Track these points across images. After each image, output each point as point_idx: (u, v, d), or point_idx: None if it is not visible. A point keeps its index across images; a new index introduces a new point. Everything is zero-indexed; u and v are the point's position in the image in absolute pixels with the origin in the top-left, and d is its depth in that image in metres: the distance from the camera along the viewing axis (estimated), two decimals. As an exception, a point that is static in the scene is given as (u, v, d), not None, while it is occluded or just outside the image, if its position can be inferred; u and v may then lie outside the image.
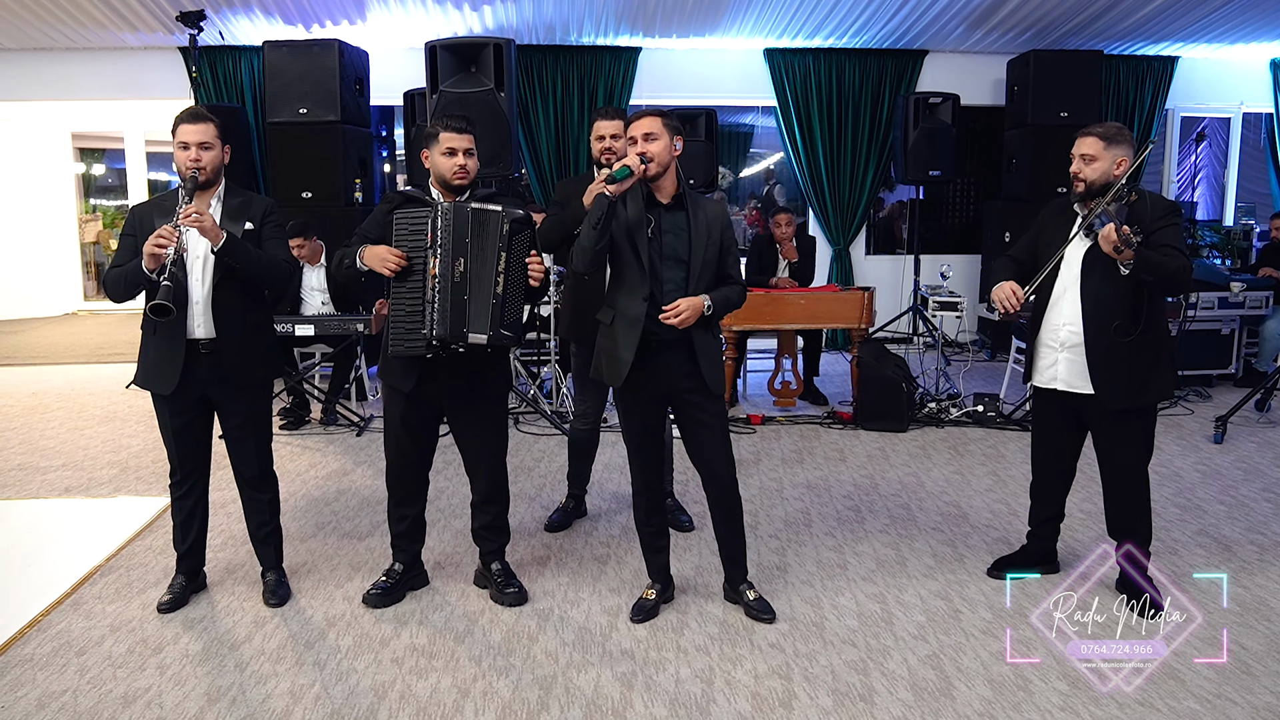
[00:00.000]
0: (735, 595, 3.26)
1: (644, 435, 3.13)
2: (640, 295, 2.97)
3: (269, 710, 2.64)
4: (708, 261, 3.04)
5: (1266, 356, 6.72)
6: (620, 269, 3.03)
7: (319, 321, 5.51)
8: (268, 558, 3.38)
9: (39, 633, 3.10)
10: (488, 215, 3.03)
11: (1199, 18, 7.57)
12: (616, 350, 3.01)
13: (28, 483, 4.73)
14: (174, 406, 3.15)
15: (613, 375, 3.04)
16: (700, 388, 3.05)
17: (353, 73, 7.07)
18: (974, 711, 2.64)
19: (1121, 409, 3.16)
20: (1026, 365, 3.42)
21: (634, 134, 2.96)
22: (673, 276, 3.00)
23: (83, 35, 7.63)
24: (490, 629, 3.13)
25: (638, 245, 2.97)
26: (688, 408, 3.10)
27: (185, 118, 3.08)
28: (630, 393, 3.06)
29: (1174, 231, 3.11)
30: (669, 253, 3.00)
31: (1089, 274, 3.16)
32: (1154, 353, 3.16)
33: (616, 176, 2.87)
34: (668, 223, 3.02)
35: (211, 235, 2.99)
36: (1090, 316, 3.16)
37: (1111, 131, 3.13)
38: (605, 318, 3.09)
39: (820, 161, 8.32)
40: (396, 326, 3.03)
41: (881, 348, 5.90)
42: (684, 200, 3.04)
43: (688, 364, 3.04)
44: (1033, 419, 3.59)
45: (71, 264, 10.64)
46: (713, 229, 3.05)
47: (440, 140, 3.11)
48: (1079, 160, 3.16)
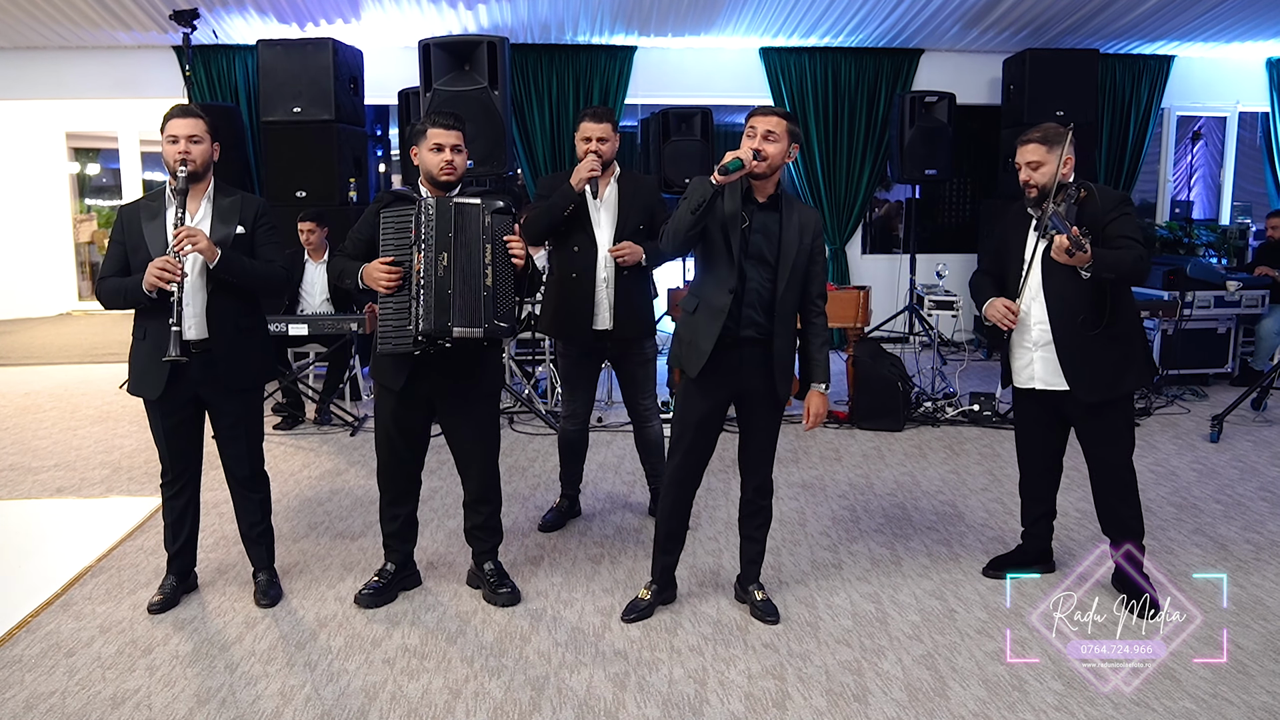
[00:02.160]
0: (744, 594, 3.26)
1: (700, 428, 3.10)
2: (726, 288, 2.97)
3: (259, 711, 2.62)
4: (796, 267, 3.02)
5: (1263, 355, 6.72)
6: (711, 260, 3.02)
7: (313, 321, 5.49)
8: (259, 558, 3.36)
9: (28, 634, 3.08)
10: (469, 209, 3.02)
11: (1195, 16, 7.57)
12: (696, 340, 3.02)
13: (19, 483, 4.71)
14: (165, 407, 3.13)
15: (691, 364, 3.04)
16: (769, 392, 3.06)
17: (347, 72, 7.06)
18: (968, 712, 2.62)
19: (1099, 401, 3.17)
20: (1004, 368, 3.42)
21: (756, 128, 2.93)
22: (755, 275, 2.99)
23: (76, 34, 7.61)
24: (483, 629, 3.12)
25: (730, 239, 2.97)
26: (752, 409, 3.11)
27: (175, 112, 3.07)
28: (701, 384, 3.05)
29: (1127, 221, 3.11)
30: (755, 252, 3.00)
31: (1050, 273, 3.16)
32: (1125, 343, 3.17)
33: (729, 168, 2.84)
34: (759, 222, 3.01)
35: (207, 255, 2.98)
36: (1056, 314, 3.17)
37: (1050, 134, 3.13)
38: (689, 305, 3.09)
39: (816, 161, 8.31)
40: (385, 324, 3.02)
41: (877, 347, 5.89)
42: (779, 202, 3.03)
43: (763, 366, 3.04)
44: (1015, 419, 3.58)
45: (66, 264, 10.59)
46: (805, 235, 3.03)
47: (428, 136, 3.10)
48: (1026, 169, 3.16)
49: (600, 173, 3.65)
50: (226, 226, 3.11)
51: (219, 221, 3.11)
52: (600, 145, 3.64)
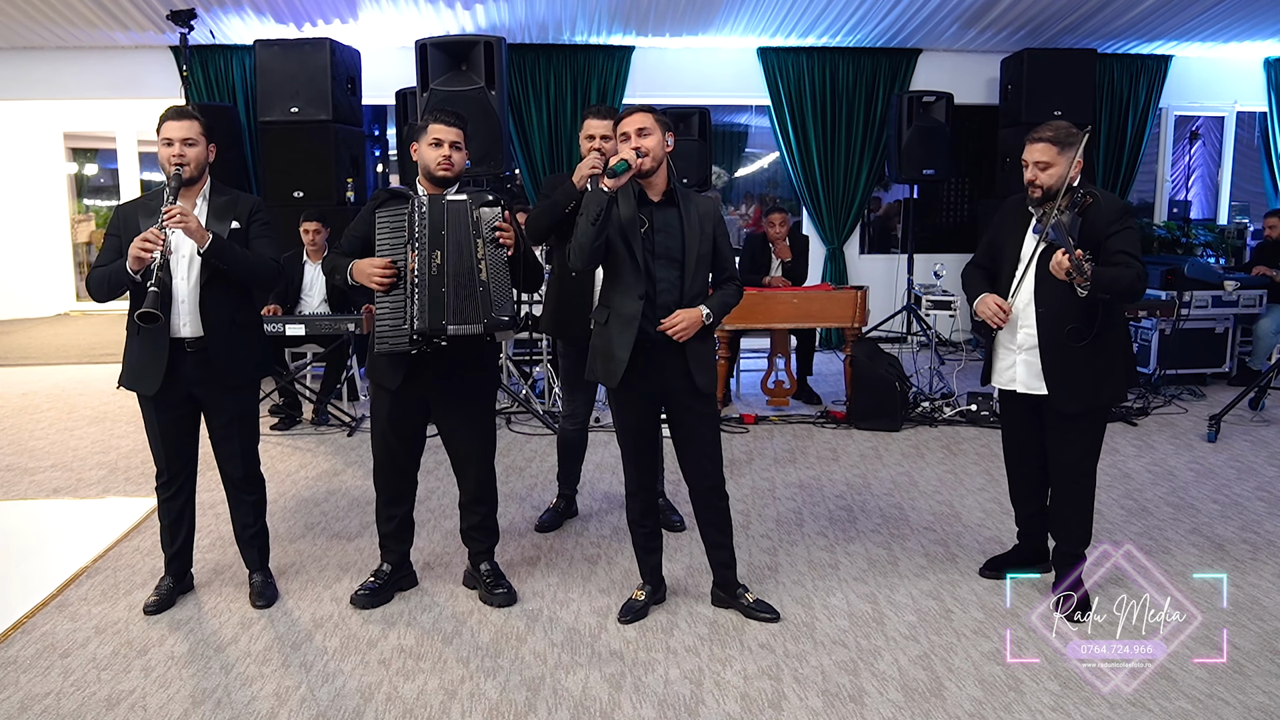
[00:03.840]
0: (730, 599, 3.23)
1: (638, 435, 3.10)
2: (635, 294, 2.95)
3: (254, 712, 2.62)
4: (702, 258, 3.02)
5: (1260, 355, 6.72)
6: (614, 268, 3.01)
7: (310, 321, 5.48)
8: (252, 560, 3.36)
9: (23, 635, 3.07)
10: (459, 206, 3.03)
11: (1192, 16, 7.58)
12: (611, 350, 2.99)
13: (16, 483, 4.70)
14: (160, 406, 3.12)
15: (608, 375, 3.02)
16: (691, 387, 3.04)
17: (344, 72, 7.05)
18: (964, 712, 2.62)
19: (1076, 412, 3.13)
20: (986, 364, 3.40)
21: (626, 129, 2.94)
22: (666, 275, 2.98)
23: (73, 34, 7.60)
24: (478, 630, 3.11)
25: (632, 244, 2.95)
26: (679, 408, 3.09)
27: (170, 115, 3.06)
28: (625, 392, 3.04)
29: (1129, 236, 3.03)
30: (661, 251, 2.99)
31: (1044, 279, 3.09)
32: (1110, 356, 3.13)
33: (616, 170, 2.85)
34: (660, 220, 2.99)
35: (197, 236, 2.96)
36: (1046, 321, 3.12)
37: (1063, 134, 3.04)
38: (600, 317, 3.07)
39: (814, 161, 8.31)
40: (382, 324, 3.02)
41: (875, 347, 5.88)
42: (675, 197, 3.02)
43: (681, 365, 3.02)
44: (1000, 419, 3.56)
45: (63, 264, 10.58)
46: (705, 224, 3.03)
47: (429, 132, 3.10)
48: (1033, 168, 3.07)
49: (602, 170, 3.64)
50: (221, 224, 3.11)
51: (214, 219, 3.11)
52: (605, 143, 3.64)
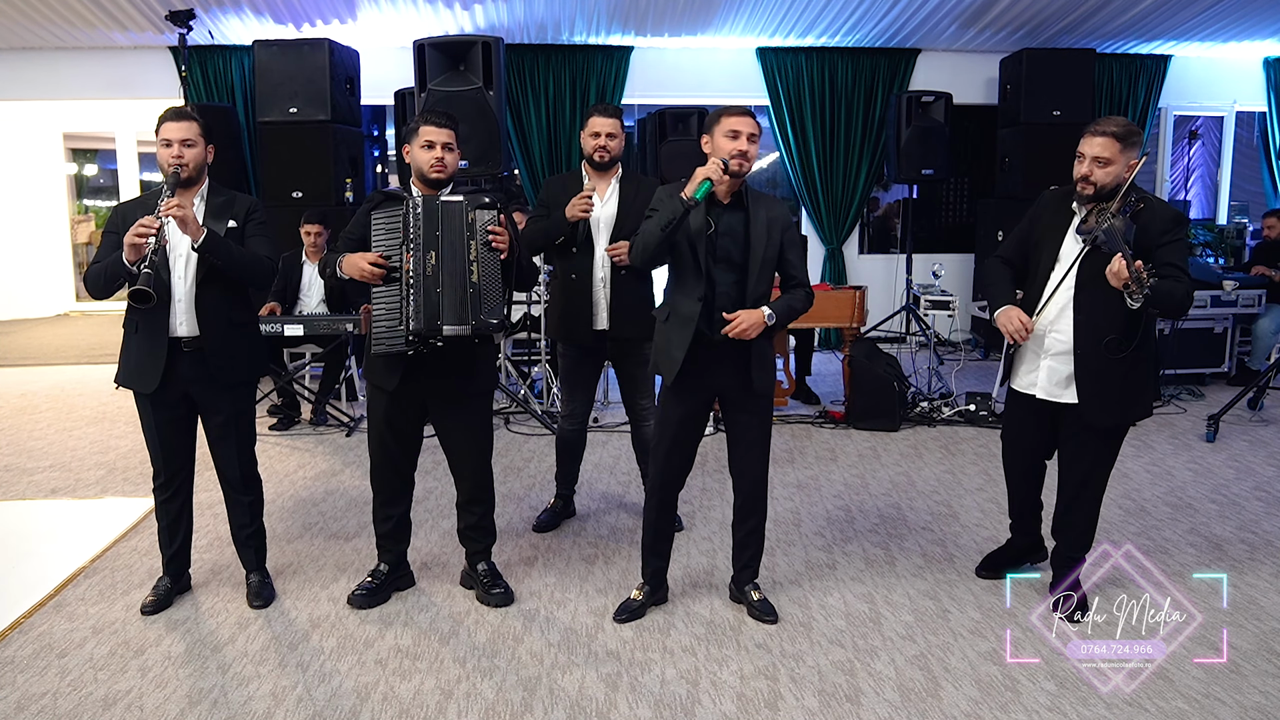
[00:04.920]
0: (740, 595, 3.24)
1: (679, 431, 3.10)
2: (695, 296, 2.96)
3: (250, 713, 2.62)
4: (766, 263, 3.01)
5: (1259, 355, 6.72)
6: (678, 269, 3.02)
7: (309, 322, 5.48)
8: (249, 560, 3.36)
9: (20, 634, 3.07)
10: (453, 207, 3.02)
11: (1192, 16, 7.57)
12: (669, 348, 3.02)
13: (14, 484, 4.70)
14: (157, 405, 3.12)
15: (666, 371, 3.04)
16: (748, 387, 3.05)
17: (343, 72, 7.05)
18: (961, 712, 2.62)
19: (1105, 426, 3.05)
20: (1006, 366, 3.30)
21: (740, 129, 2.93)
22: (725, 279, 2.98)
23: (72, 34, 7.60)
24: (475, 630, 3.11)
25: (696, 247, 2.96)
26: (734, 406, 3.11)
27: (168, 115, 3.07)
28: (678, 388, 3.05)
29: (1179, 249, 2.90)
30: (722, 255, 2.99)
31: (1085, 286, 2.95)
32: (1142, 371, 3.02)
33: (698, 197, 2.84)
34: (725, 224, 2.99)
35: (192, 229, 2.96)
36: (1084, 330, 2.98)
37: (1125, 131, 2.88)
38: (662, 315, 3.09)
39: (813, 160, 8.31)
40: (378, 325, 3.02)
41: (874, 347, 5.88)
42: (744, 199, 3.02)
43: (740, 364, 3.03)
44: (1006, 420, 3.42)
45: (63, 265, 10.59)
46: (773, 230, 3.01)
47: (420, 134, 3.10)
48: (1090, 163, 2.89)
49: (591, 210, 3.68)
50: (219, 224, 3.11)
51: (212, 219, 3.11)
52: (609, 141, 3.68)
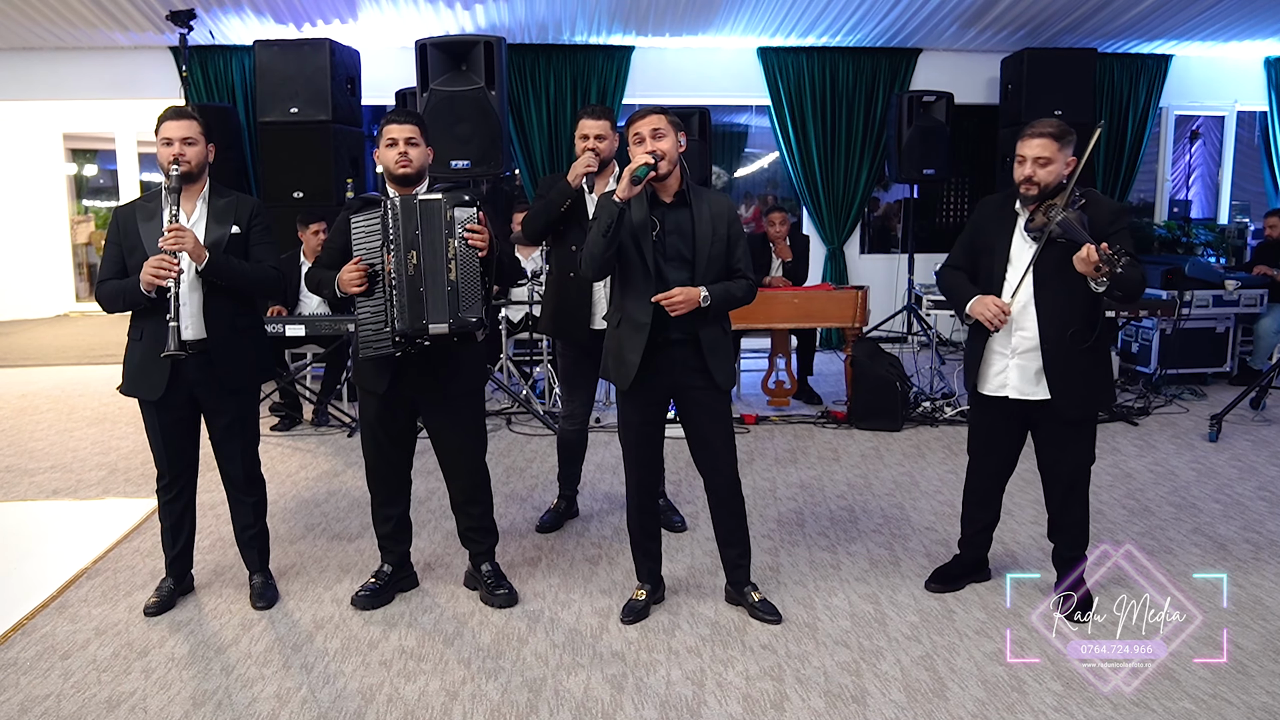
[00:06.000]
0: (739, 597, 3.22)
1: (642, 432, 3.09)
2: (646, 298, 2.94)
3: (254, 714, 2.61)
4: (714, 258, 2.99)
5: (1261, 354, 6.72)
6: (626, 272, 2.99)
7: (310, 322, 5.48)
8: (252, 561, 3.35)
9: (23, 636, 3.06)
10: (431, 204, 3.01)
11: (1193, 15, 7.57)
12: (623, 353, 2.99)
13: (15, 485, 4.69)
14: (161, 408, 3.12)
15: (620, 377, 3.02)
16: (707, 384, 3.03)
17: (344, 72, 7.04)
18: (967, 713, 2.61)
19: (1079, 417, 3.10)
20: (969, 369, 3.25)
21: (640, 131, 2.91)
22: (677, 278, 2.96)
23: (72, 35, 7.59)
24: (480, 631, 3.10)
25: (643, 248, 2.94)
26: (690, 402, 3.08)
27: (168, 114, 3.06)
28: (634, 391, 3.03)
29: (1127, 235, 2.98)
30: (672, 253, 2.97)
31: (1044, 283, 3.02)
32: (1103, 359, 3.12)
33: (639, 175, 2.82)
34: (670, 222, 2.98)
35: (195, 256, 2.97)
36: (1048, 325, 3.03)
37: (1060, 131, 2.99)
38: (612, 320, 3.07)
39: (814, 160, 8.31)
40: (364, 329, 3.01)
41: (875, 347, 5.88)
42: (687, 196, 3.00)
43: (695, 360, 3.01)
44: (973, 426, 3.36)
45: (63, 265, 10.58)
46: (718, 224, 3.00)
47: (383, 134, 3.11)
48: (1032, 164, 2.99)
49: (597, 169, 3.65)
50: (221, 228, 3.10)
51: (214, 222, 3.10)
52: (598, 143, 3.65)
